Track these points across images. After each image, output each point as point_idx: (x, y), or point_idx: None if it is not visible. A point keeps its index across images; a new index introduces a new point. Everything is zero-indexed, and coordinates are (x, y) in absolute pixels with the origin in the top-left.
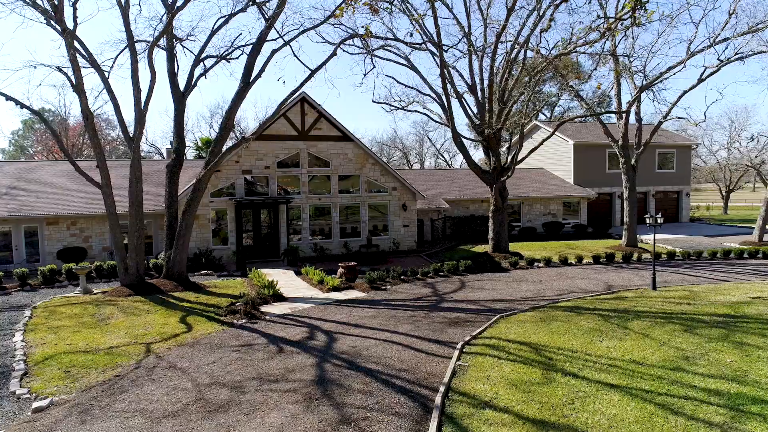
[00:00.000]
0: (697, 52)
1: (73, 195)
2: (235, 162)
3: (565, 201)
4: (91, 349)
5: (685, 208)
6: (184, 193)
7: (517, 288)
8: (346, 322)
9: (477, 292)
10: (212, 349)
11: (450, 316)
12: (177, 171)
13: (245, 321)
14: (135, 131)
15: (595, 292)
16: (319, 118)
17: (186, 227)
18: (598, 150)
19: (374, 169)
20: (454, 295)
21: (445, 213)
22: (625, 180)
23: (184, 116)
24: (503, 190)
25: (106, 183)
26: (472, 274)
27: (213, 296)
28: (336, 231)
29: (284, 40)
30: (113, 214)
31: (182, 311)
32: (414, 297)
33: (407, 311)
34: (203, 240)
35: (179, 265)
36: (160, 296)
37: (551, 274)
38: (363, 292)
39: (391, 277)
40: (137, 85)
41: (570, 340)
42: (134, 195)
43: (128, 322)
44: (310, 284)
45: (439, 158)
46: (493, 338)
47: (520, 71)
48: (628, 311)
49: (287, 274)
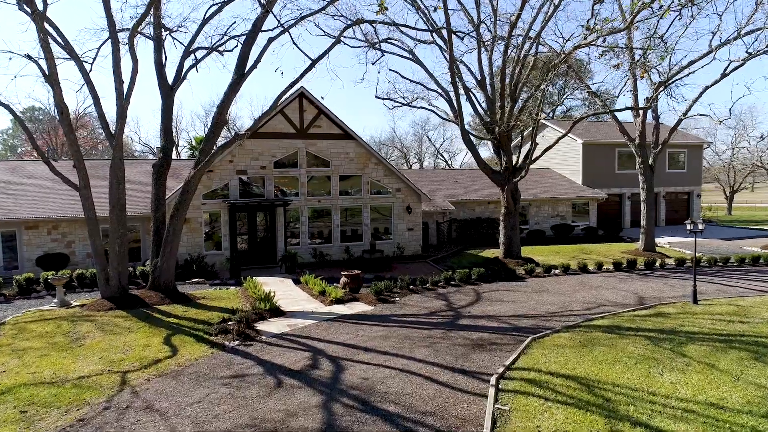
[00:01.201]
0: (722, 45)
1: (56, 197)
2: (229, 162)
3: (574, 202)
4: (57, 379)
5: (696, 209)
6: (173, 196)
7: (539, 300)
8: (353, 345)
9: (496, 306)
10: (198, 382)
11: (472, 336)
12: (164, 171)
13: (238, 342)
14: (116, 127)
15: (627, 306)
16: (319, 114)
17: (174, 233)
18: (608, 149)
19: (377, 170)
20: (471, 309)
21: (451, 215)
22: (642, 180)
23: (173, 111)
24: (515, 192)
25: (85, 185)
26: (486, 283)
27: (203, 310)
28: (336, 235)
29: (283, 27)
30: (92, 218)
31: (167, 329)
32: (427, 311)
33: (422, 330)
34: (195, 245)
35: (166, 275)
36: (145, 310)
37: (572, 283)
38: (369, 305)
39: (398, 288)
40: (119, 76)
41: (624, 373)
42: (116, 198)
43: (105, 342)
44: (310, 295)
45: (438, 158)
46: (532, 370)
47: (532, 64)
48: (676, 332)
49: (285, 282)
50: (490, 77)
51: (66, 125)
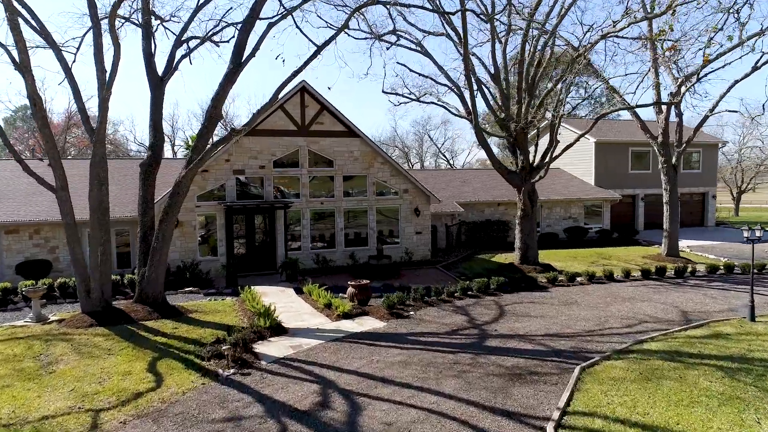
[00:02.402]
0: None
1: (39, 199)
2: (225, 161)
3: (586, 204)
4: (15, 420)
5: (711, 211)
6: (163, 199)
7: (571, 315)
8: (369, 374)
9: (524, 322)
10: (185, 428)
11: (506, 362)
12: (153, 170)
13: (234, 371)
14: (97, 120)
15: (671, 322)
16: (322, 110)
17: (163, 239)
18: (621, 148)
19: (383, 169)
20: (496, 326)
21: (459, 217)
22: (665, 181)
23: (168, 108)
24: (532, 193)
25: (62, 185)
26: (506, 294)
27: (195, 326)
28: (340, 239)
29: (286, 9)
30: (71, 224)
31: (153, 350)
32: (447, 329)
33: (446, 353)
34: (188, 251)
35: (154, 286)
36: (129, 327)
37: (601, 293)
38: (381, 321)
39: (412, 299)
40: (101, 64)
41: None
42: (97, 200)
43: (80, 369)
44: (314, 308)
45: (440, 158)
46: (596, 415)
47: (549, 56)
48: (748, 359)
49: (286, 292)
50: (504, 71)
51: (39, 118)
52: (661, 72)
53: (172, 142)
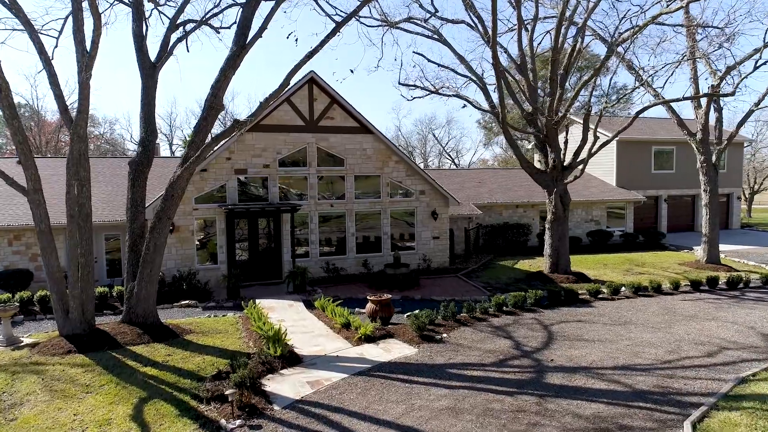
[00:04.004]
0: None
1: (20, 200)
2: (226, 159)
3: (609, 206)
4: None
5: (736, 213)
6: (155, 202)
7: (633, 339)
8: (413, 429)
9: (581, 349)
10: None
11: (583, 411)
12: (144, 170)
13: (241, 422)
14: (77, 107)
15: (756, 349)
16: (332, 104)
17: (155, 249)
18: (643, 147)
19: (398, 168)
20: (550, 353)
21: (477, 221)
22: (704, 182)
23: (156, 95)
24: (564, 195)
25: (35, 187)
26: (545, 309)
27: (193, 351)
28: (351, 245)
29: None
30: (45, 231)
31: (141, 388)
32: (494, 359)
33: (502, 395)
34: (185, 258)
35: (145, 305)
36: (115, 354)
37: (654, 310)
38: (410, 345)
39: (441, 317)
40: (82, 44)
41: None
42: (77, 204)
43: (49, 415)
44: (329, 327)
45: (444, 158)
46: None
47: (580, 45)
48: None
49: (295, 307)
50: (531, 60)
51: (6, 107)
52: (705, 66)
53: (170, 141)
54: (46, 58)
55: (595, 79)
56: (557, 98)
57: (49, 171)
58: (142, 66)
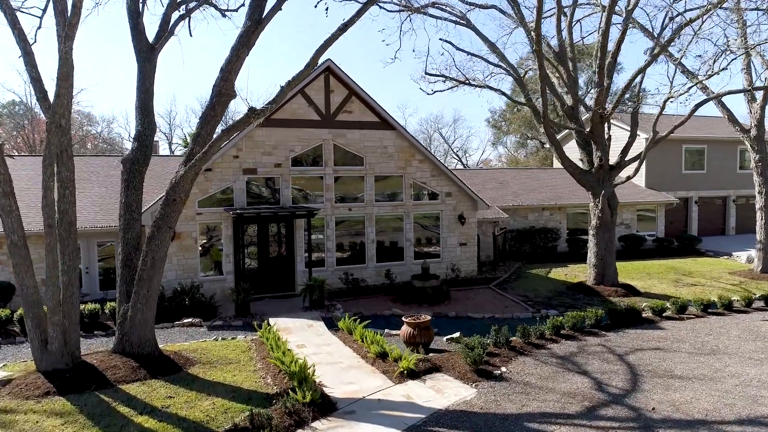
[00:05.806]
0: None
1: None
2: (233, 158)
3: (639, 208)
4: None
5: None
6: (153, 207)
7: (735, 375)
8: None
9: (680, 390)
10: None
11: None
12: (140, 169)
13: None
14: (55, 92)
15: None
16: (350, 96)
17: (153, 265)
18: (674, 146)
19: (422, 168)
20: (645, 399)
21: (503, 224)
22: (759, 182)
23: (154, 81)
24: (611, 198)
25: (6, 190)
26: (608, 332)
27: (200, 391)
28: (372, 253)
29: None
30: (18, 244)
31: None
32: (579, 408)
33: None
34: (188, 269)
35: (141, 330)
36: (102, 396)
37: (737, 333)
38: (465, 384)
39: (493, 344)
40: (63, 14)
41: None
42: (57, 211)
43: None
44: (359, 355)
45: (450, 157)
46: None
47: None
48: None
49: (315, 328)
50: (571, 49)
51: None
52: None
53: (169, 140)
54: (20, 33)
55: (644, 69)
56: (606, 89)
57: (34, 171)
58: (139, 48)
